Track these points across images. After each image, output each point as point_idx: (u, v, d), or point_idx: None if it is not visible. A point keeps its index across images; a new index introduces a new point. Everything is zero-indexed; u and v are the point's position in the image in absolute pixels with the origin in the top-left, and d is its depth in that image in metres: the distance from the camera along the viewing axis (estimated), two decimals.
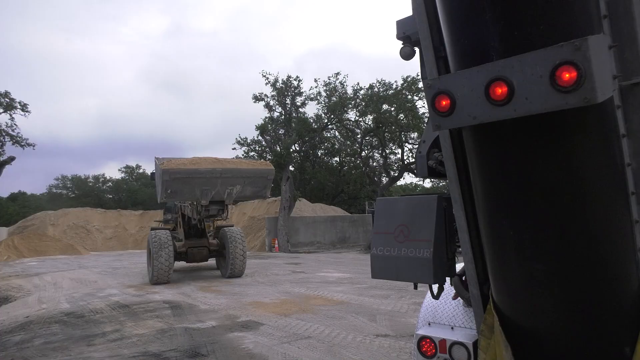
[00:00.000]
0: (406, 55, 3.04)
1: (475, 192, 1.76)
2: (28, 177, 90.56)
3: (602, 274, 1.57)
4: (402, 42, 2.99)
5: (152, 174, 16.68)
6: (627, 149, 1.59)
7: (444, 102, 1.48)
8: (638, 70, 1.55)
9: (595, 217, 1.53)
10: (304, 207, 32.55)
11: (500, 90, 1.35)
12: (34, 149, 30.33)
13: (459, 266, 2.32)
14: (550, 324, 1.70)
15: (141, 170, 59.39)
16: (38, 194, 55.37)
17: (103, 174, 59.38)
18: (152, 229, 14.31)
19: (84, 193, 53.17)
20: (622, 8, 1.54)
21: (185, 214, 14.66)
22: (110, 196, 55.17)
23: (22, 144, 29.30)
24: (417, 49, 2.78)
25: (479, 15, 1.44)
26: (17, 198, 52.48)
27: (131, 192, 52.96)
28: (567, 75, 1.24)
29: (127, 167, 59.78)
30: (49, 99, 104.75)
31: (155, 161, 12.56)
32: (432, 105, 1.51)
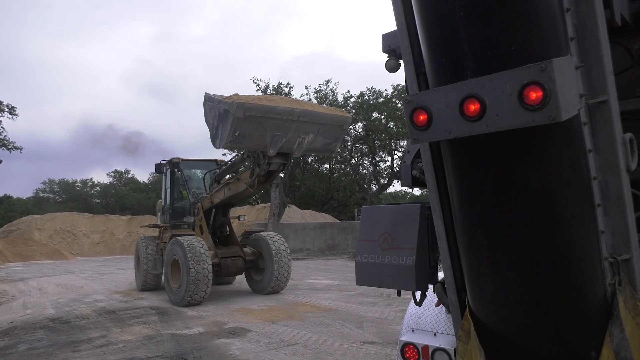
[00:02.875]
0: (391, 68, 3.13)
1: (452, 202, 1.84)
2: (13, 181, 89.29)
3: (570, 281, 1.65)
4: (387, 55, 3.08)
5: (158, 165, 13.30)
6: (594, 163, 1.68)
7: (422, 117, 1.57)
8: (604, 88, 1.65)
9: (563, 228, 1.61)
10: (294, 214, 32.54)
11: (473, 107, 1.44)
12: (21, 153, 30.07)
13: (442, 274, 2.40)
14: (522, 329, 1.77)
15: (129, 175, 59.01)
16: (24, 198, 54.68)
17: (91, 179, 58.88)
18: (174, 235, 11.03)
19: (71, 197, 52.62)
20: (588, 31, 1.63)
21: (214, 206, 11.39)
22: (98, 201, 54.66)
23: (9, 147, 28.99)
24: (401, 62, 2.87)
25: (455, 35, 1.53)
26: (3, 202, 51.73)
27: (119, 197, 52.51)
28: (533, 95, 1.33)
29: (115, 171, 59.36)
30: (34, 102, 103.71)
31: (207, 98, 9.19)
32: (410, 119, 1.59)
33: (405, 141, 27.35)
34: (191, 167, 13.64)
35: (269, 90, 29.23)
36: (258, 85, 29.25)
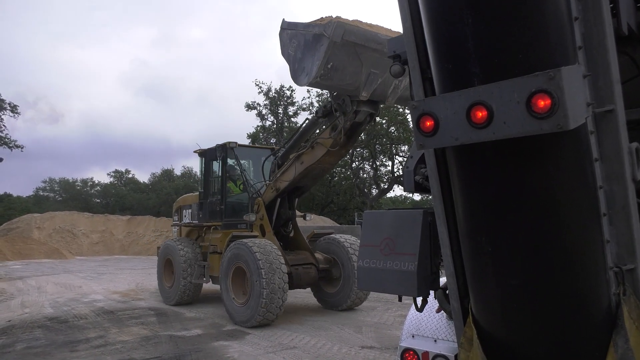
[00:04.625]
0: (396, 73, 3.13)
1: (457, 208, 1.84)
2: (13, 179, 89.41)
3: (574, 291, 1.64)
4: (392, 60, 3.08)
5: (212, 150, 10.53)
6: (600, 172, 1.68)
7: (428, 123, 1.56)
8: (611, 98, 1.65)
9: (569, 237, 1.61)
10: None
11: (480, 114, 1.44)
12: (22, 151, 30.09)
13: (443, 280, 2.39)
14: (525, 337, 1.77)
15: (130, 175, 59.06)
16: (24, 196, 54.68)
17: (91, 178, 58.87)
18: (234, 236, 8.81)
19: (71, 196, 52.57)
20: (596, 40, 1.63)
21: (280, 193, 9.06)
22: (98, 200, 54.64)
23: (10, 145, 29.01)
24: (406, 68, 2.86)
25: (463, 42, 1.53)
26: (3, 200, 51.71)
27: (119, 197, 52.48)
28: (542, 103, 1.33)
29: (116, 171, 59.43)
30: (34, 101, 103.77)
31: (286, 26, 7.07)
32: (417, 125, 1.59)
33: (406, 146, 27.40)
34: (245, 156, 10.79)
35: (270, 93, 29.33)
36: (260, 87, 29.39)
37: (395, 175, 28.84)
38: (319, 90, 30.55)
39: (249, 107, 29.98)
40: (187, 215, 11.37)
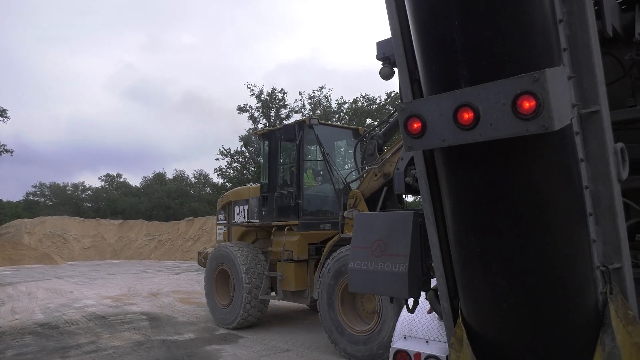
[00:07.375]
0: (385, 75, 3.14)
1: (445, 210, 1.85)
2: (1, 184, 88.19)
3: (562, 290, 1.66)
4: (381, 62, 3.10)
5: (290, 127, 7.67)
6: (586, 173, 1.70)
7: (416, 125, 1.57)
8: (595, 99, 1.67)
9: (555, 236, 1.62)
10: None
11: (467, 116, 1.45)
12: (11, 156, 29.76)
13: (435, 281, 2.40)
14: (514, 337, 1.78)
15: (122, 179, 58.68)
16: (14, 201, 54.08)
17: (82, 182, 58.36)
18: (344, 239, 6.62)
19: (62, 201, 52.08)
20: (581, 42, 1.66)
21: (388, 180, 6.55)
22: (89, 205, 54.17)
23: (0, 150, 28.70)
24: (396, 70, 2.87)
25: (449, 44, 1.54)
26: None
27: (111, 201, 52.08)
28: (527, 104, 1.34)
29: (107, 175, 58.97)
30: (21, 106, 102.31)
31: None
32: (404, 127, 1.60)
33: None
34: (325, 137, 8.09)
35: (262, 96, 29.33)
36: (252, 90, 29.38)
37: None
38: (310, 92, 30.56)
39: (241, 109, 29.97)
40: (240, 213, 8.88)
